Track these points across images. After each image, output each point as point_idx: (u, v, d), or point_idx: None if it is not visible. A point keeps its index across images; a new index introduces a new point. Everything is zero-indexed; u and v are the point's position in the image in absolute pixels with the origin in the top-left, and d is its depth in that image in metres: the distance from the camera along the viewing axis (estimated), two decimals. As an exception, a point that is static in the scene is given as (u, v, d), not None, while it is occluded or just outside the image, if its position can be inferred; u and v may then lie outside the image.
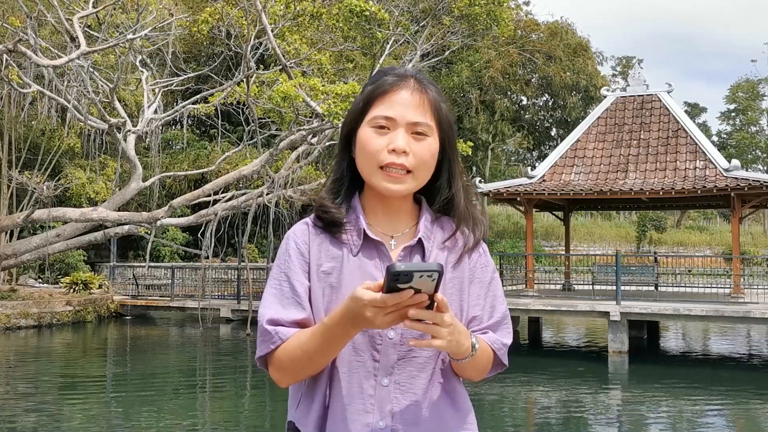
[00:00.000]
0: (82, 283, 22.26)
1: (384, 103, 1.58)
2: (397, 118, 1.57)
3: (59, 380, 13.73)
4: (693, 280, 22.77)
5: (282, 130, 18.96)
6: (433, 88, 1.63)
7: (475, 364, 1.60)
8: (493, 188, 19.76)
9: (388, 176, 1.57)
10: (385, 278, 1.37)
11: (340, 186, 1.66)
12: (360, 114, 1.61)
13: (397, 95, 1.58)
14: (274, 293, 1.62)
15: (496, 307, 1.69)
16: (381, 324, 1.42)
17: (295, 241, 1.65)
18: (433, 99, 1.61)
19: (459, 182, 1.67)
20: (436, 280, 1.36)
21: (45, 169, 26.05)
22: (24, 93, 20.26)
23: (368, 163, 1.59)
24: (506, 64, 38.57)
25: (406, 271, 1.34)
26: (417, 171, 1.58)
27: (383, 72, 1.65)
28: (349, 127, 1.64)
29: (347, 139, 1.65)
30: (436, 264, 1.37)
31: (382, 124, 1.57)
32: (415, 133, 1.58)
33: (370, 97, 1.60)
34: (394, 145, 1.55)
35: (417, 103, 1.58)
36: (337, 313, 1.47)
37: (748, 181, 17.31)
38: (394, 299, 1.37)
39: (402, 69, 1.65)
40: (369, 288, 1.40)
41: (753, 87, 59.67)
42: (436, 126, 1.61)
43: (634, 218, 49.97)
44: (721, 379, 14.27)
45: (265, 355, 1.59)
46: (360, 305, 1.40)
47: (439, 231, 1.66)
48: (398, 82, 1.60)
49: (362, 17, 17.55)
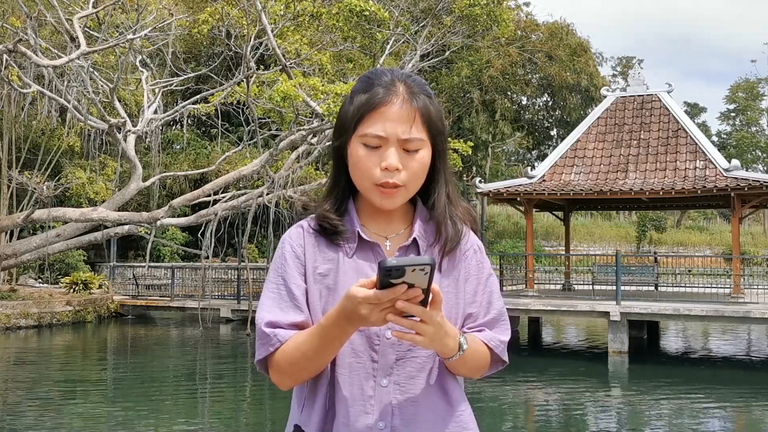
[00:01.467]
0: (82, 283, 22.26)
1: (374, 119, 1.58)
2: (388, 136, 1.57)
3: (59, 380, 13.72)
4: (693, 280, 22.77)
5: (282, 130, 18.96)
6: (422, 95, 1.62)
7: (466, 364, 1.60)
8: (493, 188, 19.76)
9: (382, 193, 1.59)
10: (378, 274, 1.37)
11: (338, 195, 1.68)
12: (351, 128, 1.61)
13: (387, 110, 1.58)
14: (271, 296, 1.62)
15: (492, 303, 1.70)
16: (377, 321, 1.42)
17: (290, 244, 1.66)
18: (423, 108, 1.61)
19: (442, 186, 1.68)
20: (429, 274, 1.36)
21: (45, 169, 26.06)
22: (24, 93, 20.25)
23: (363, 181, 1.60)
24: (506, 64, 38.57)
25: (398, 266, 1.34)
26: (409, 184, 1.60)
27: (371, 80, 1.63)
28: (339, 140, 1.65)
29: (338, 150, 1.66)
30: (428, 258, 1.37)
31: (374, 144, 1.58)
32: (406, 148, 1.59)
33: (361, 111, 1.60)
34: (387, 163, 1.56)
35: (407, 117, 1.58)
36: (333, 313, 1.47)
37: (748, 181, 17.31)
38: (387, 295, 1.38)
39: (389, 75, 1.63)
40: (363, 285, 1.41)
41: (753, 87, 59.68)
42: (427, 136, 1.61)
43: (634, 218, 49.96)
44: (721, 379, 14.27)
45: (265, 358, 1.59)
46: (355, 303, 1.41)
47: (432, 230, 1.67)
48: (388, 95, 1.59)
49: (362, 17, 17.55)
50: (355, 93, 1.64)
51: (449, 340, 1.51)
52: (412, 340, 1.45)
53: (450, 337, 1.51)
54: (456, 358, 1.56)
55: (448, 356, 1.55)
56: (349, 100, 1.64)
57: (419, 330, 1.44)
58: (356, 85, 1.66)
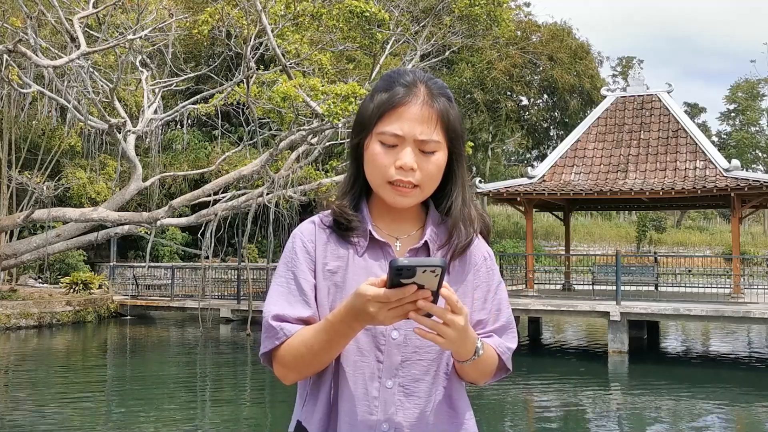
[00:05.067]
0: (82, 283, 22.25)
1: (393, 118, 1.58)
2: (405, 135, 1.57)
3: (59, 380, 13.73)
4: (693, 280, 22.78)
5: (282, 130, 18.96)
6: (442, 98, 1.62)
7: (478, 368, 1.60)
8: (493, 188, 19.77)
9: (396, 191, 1.59)
10: (389, 273, 1.37)
11: (354, 192, 1.68)
12: (370, 125, 1.61)
13: (406, 110, 1.58)
14: (280, 290, 1.62)
15: (501, 311, 1.70)
16: (384, 320, 1.42)
17: (301, 240, 1.66)
18: (442, 111, 1.61)
19: (459, 189, 1.68)
20: (439, 276, 1.36)
21: (45, 169, 26.07)
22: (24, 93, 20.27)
23: (377, 178, 1.60)
24: (509, 65, 38.56)
25: (409, 266, 1.34)
26: (424, 185, 1.60)
27: (393, 79, 1.63)
28: (358, 137, 1.65)
29: (356, 148, 1.66)
30: (439, 259, 1.37)
31: (391, 143, 1.58)
32: (422, 150, 1.59)
33: (381, 110, 1.60)
34: (402, 162, 1.57)
35: (425, 118, 1.58)
36: (341, 310, 1.48)
37: (748, 181, 17.31)
38: (397, 294, 1.38)
39: (411, 75, 1.63)
40: (373, 284, 1.41)
41: (753, 87, 59.67)
42: (444, 139, 1.61)
43: (634, 218, 49.98)
44: (721, 379, 14.27)
45: (270, 351, 1.59)
46: (363, 301, 1.41)
47: (443, 233, 1.67)
48: (408, 95, 1.59)
49: (362, 18, 17.55)
50: (377, 91, 1.64)
51: (468, 344, 1.52)
52: (434, 340, 1.45)
53: (469, 341, 1.52)
54: (471, 362, 1.56)
55: (464, 359, 1.55)
56: (370, 98, 1.65)
57: (441, 331, 1.44)
58: (378, 83, 1.66)
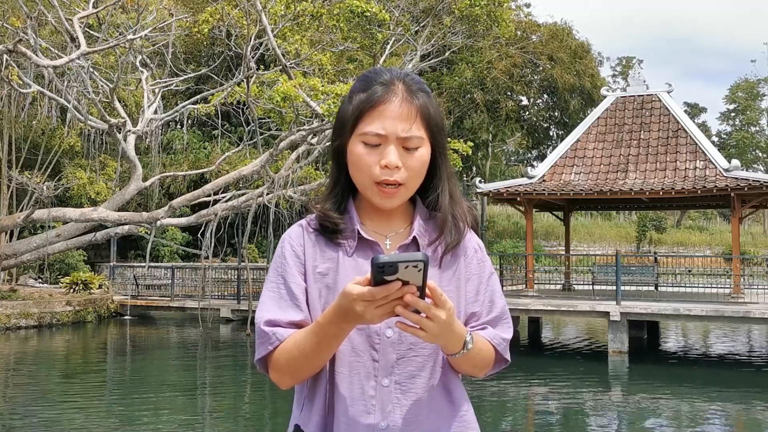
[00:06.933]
0: (82, 283, 22.25)
1: (374, 117, 1.58)
2: (388, 134, 1.57)
3: (59, 380, 13.73)
4: (693, 280, 22.78)
5: (282, 130, 18.96)
6: (421, 93, 1.62)
7: (471, 361, 1.60)
8: (493, 188, 19.76)
9: (382, 192, 1.59)
10: (371, 271, 1.37)
11: (338, 194, 1.68)
12: (350, 127, 1.61)
13: (386, 108, 1.58)
14: (271, 296, 1.63)
15: (494, 302, 1.70)
16: (372, 318, 1.42)
17: (290, 244, 1.66)
18: (422, 106, 1.61)
19: (445, 183, 1.68)
20: (423, 271, 1.36)
21: (45, 169, 26.06)
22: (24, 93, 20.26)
23: (362, 179, 1.60)
24: (509, 65, 38.54)
25: (391, 263, 1.34)
26: (409, 182, 1.60)
27: (370, 79, 1.63)
28: (339, 140, 1.65)
29: (338, 151, 1.66)
30: (420, 254, 1.36)
31: (374, 142, 1.58)
32: (405, 146, 1.59)
33: (361, 110, 1.60)
34: (387, 161, 1.56)
35: (406, 115, 1.58)
36: (330, 311, 1.48)
37: (748, 181, 17.31)
38: (381, 292, 1.38)
39: (388, 73, 1.63)
40: (358, 282, 1.41)
41: (753, 87, 59.68)
42: (427, 134, 1.61)
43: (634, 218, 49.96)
44: (721, 379, 14.27)
45: (264, 356, 1.60)
46: (349, 300, 1.41)
47: (433, 229, 1.67)
48: (387, 93, 1.59)
49: (363, 17, 17.55)
50: (354, 92, 1.64)
51: (455, 338, 1.51)
52: (415, 333, 1.46)
53: (456, 335, 1.51)
54: (460, 355, 1.56)
55: (453, 353, 1.55)
56: (348, 100, 1.65)
57: (423, 326, 1.44)
58: (355, 85, 1.66)
